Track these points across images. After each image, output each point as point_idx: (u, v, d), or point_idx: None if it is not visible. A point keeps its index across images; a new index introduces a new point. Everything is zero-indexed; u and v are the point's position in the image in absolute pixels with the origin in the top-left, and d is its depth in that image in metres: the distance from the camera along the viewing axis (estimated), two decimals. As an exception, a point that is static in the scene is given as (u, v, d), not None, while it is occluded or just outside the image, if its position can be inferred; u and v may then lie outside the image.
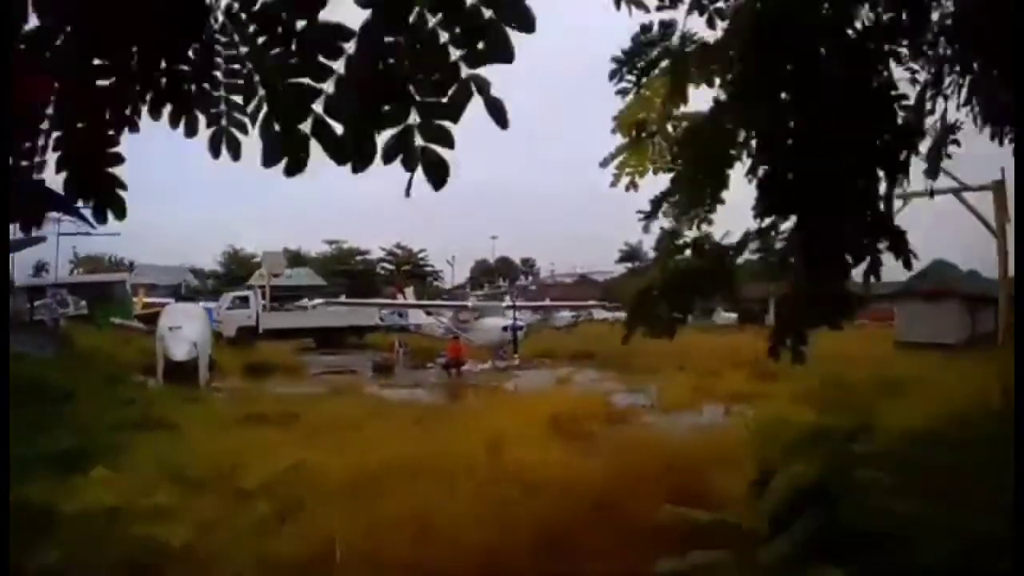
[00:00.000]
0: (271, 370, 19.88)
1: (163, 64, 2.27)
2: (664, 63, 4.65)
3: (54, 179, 2.20)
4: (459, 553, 4.67)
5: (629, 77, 4.84)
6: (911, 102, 4.25)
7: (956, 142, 4.68)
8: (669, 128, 4.81)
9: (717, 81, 4.23)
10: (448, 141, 1.94)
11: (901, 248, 4.14)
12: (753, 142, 4.14)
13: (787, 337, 4.30)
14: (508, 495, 5.54)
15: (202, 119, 2.46)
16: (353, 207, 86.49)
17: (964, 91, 4.54)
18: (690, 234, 4.56)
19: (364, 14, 1.90)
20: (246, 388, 15.83)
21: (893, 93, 4.04)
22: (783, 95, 3.92)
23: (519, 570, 4.55)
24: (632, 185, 4.98)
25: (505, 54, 1.87)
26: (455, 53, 1.88)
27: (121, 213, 2.26)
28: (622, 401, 12.10)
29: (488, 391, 16.11)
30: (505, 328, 24.63)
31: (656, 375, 14.69)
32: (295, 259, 61.02)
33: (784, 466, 4.18)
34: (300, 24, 2.00)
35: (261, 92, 2.15)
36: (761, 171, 4.03)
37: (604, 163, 5.01)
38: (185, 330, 16.73)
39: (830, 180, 3.90)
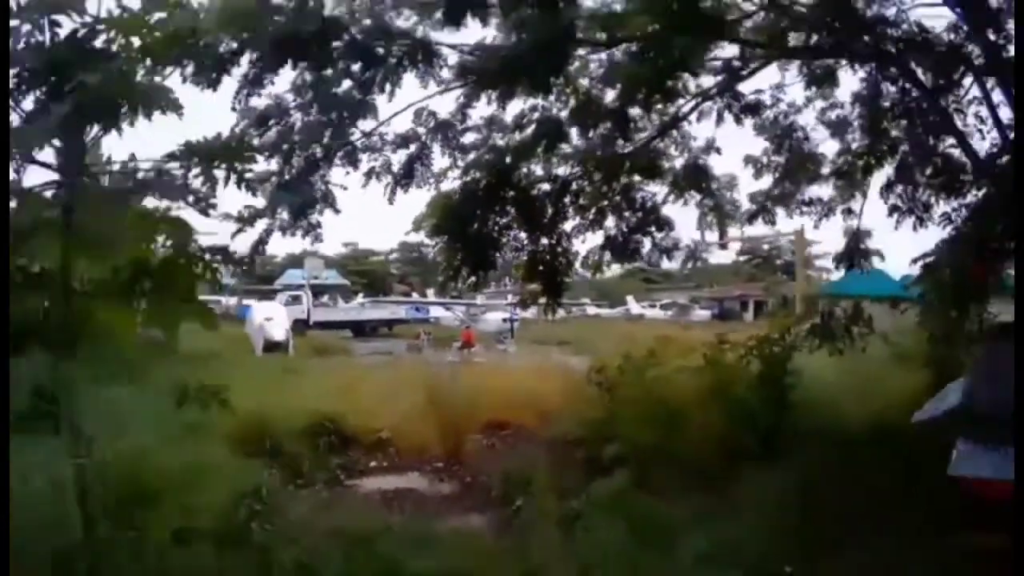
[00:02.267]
0: (330, 351, 26.95)
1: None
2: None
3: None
4: (463, 417, 11.33)
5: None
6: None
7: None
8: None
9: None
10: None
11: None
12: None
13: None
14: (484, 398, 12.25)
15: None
16: (364, 210, 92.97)
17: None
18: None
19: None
20: (323, 361, 22.86)
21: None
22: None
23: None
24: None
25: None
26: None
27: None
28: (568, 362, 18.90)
29: (489, 363, 23.04)
30: (504, 320, 32.03)
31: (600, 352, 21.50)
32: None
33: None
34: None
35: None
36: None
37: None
38: (277, 319, 23.87)
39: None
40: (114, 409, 5.58)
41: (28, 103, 4.50)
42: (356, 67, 6.65)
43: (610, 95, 9.02)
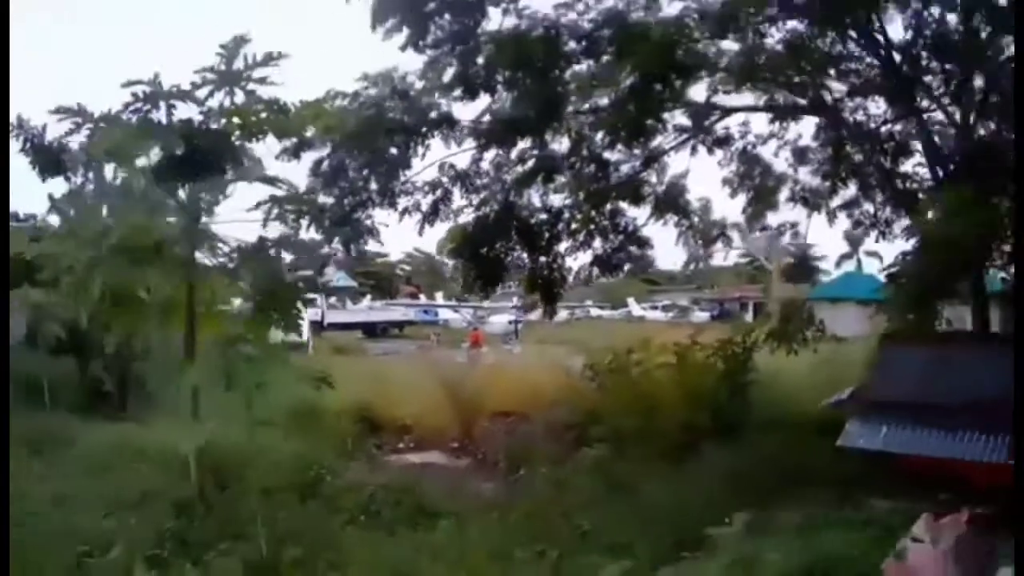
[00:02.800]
0: (347, 351, 28.87)
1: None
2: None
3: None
4: (474, 407, 13.23)
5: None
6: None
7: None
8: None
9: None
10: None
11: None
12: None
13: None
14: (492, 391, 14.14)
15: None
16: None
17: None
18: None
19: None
20: (343, 359, 24.76)
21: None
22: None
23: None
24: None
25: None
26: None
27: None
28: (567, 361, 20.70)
29: (497, 361, 24.90)
30: (510, 322, 33.97)
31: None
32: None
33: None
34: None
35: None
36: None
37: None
38: (298, 321, 25.82)
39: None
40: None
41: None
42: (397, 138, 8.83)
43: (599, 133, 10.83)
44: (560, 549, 5.71)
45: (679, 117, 11.56)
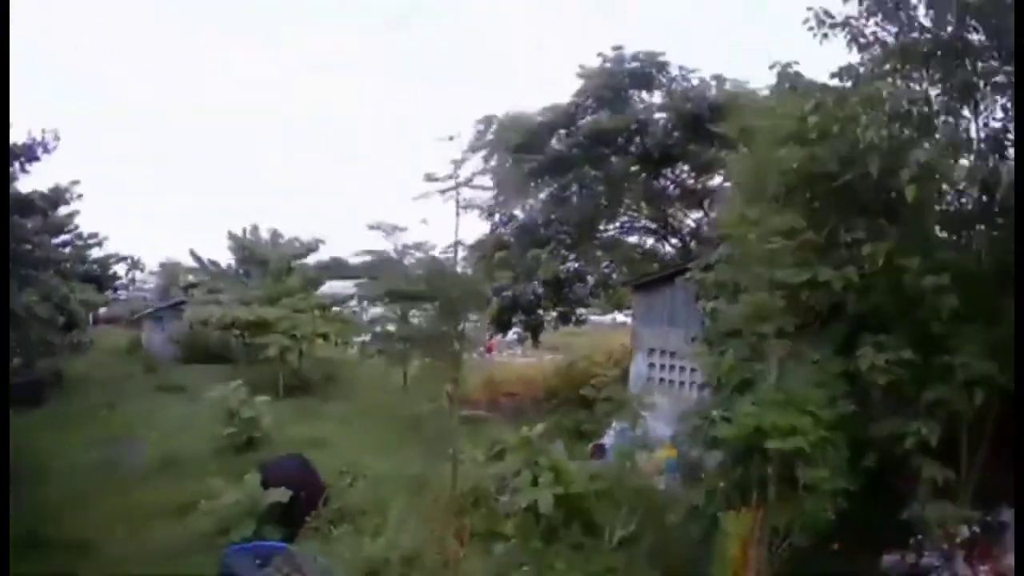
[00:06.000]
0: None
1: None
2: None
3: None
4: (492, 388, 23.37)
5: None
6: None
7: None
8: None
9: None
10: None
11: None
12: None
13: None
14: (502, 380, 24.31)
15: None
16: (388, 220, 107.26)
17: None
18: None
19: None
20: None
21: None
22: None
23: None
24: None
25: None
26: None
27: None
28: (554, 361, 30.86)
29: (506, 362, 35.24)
30: (516, 335, 44.32)
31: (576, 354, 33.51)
32: (340, 267, 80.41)
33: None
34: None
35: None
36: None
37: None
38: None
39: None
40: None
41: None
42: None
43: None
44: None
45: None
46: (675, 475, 11.56)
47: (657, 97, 17.90)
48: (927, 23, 7.71)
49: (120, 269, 48.97)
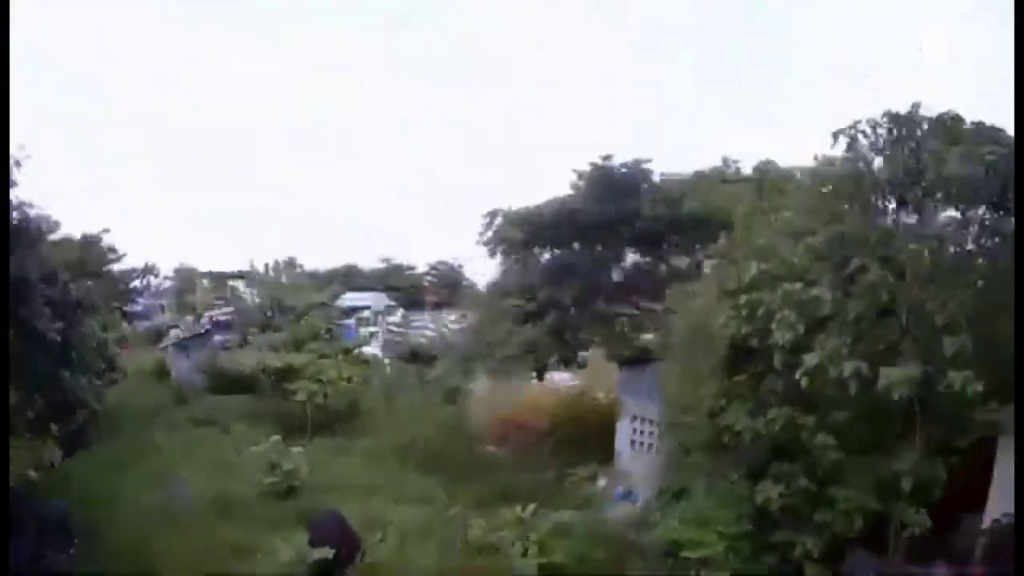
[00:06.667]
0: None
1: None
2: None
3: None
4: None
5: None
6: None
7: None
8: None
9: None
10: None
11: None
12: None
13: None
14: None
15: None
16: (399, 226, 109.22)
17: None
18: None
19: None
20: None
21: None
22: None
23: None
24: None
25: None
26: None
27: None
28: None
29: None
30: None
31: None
32: (355, 275, 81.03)
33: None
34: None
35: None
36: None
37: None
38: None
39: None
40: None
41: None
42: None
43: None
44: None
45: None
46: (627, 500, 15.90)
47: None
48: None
49: (137, 282, 51.47)
